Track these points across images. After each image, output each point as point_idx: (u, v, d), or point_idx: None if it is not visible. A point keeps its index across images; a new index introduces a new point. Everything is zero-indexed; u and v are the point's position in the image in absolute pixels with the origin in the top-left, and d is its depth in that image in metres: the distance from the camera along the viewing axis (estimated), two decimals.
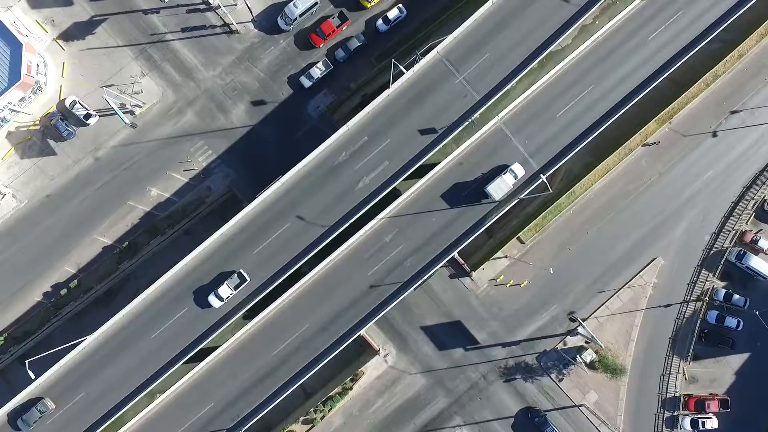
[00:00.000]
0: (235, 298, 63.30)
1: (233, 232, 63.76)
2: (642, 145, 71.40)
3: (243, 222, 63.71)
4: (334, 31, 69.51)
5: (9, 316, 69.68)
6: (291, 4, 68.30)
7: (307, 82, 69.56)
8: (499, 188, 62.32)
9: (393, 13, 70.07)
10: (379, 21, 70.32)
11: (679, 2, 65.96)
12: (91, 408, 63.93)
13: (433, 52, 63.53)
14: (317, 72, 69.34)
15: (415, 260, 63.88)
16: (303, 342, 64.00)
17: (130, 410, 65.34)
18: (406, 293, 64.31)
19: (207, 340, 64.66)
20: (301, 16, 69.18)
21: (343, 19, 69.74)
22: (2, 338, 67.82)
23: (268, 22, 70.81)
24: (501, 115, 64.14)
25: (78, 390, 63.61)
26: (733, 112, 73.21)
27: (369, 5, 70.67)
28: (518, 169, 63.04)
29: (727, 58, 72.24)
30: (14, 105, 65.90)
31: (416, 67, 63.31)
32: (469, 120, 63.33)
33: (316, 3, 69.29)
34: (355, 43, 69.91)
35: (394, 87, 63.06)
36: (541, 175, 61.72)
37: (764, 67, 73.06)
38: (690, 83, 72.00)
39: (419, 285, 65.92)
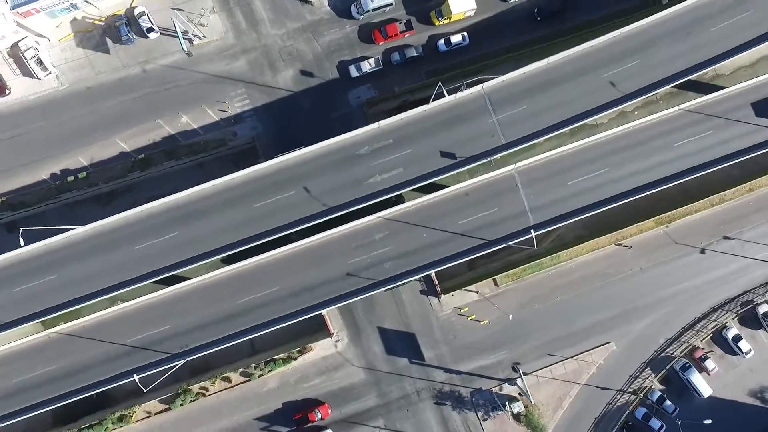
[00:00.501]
0: None
1: (242, 181, 67.29)
2: (615, 245, 75.18)
3: (254, 175, 67.25)
4: (396, 35, 73.40)
5: (12, 183, 73.12)
6: None
7: (354, 72, 73.37)
8: None
9: (456, 38, 73.94)
10: (441, 41, 74.19)
11: (712, 122, 69.97)
12: (55, 293, 66.87)
13: (478, 87, 67.33)
14: (367, 66, 73.21)
15: (395, 265, 67.57)
16: (269, 301, 67.53)
17: (89, 307, 68.66)
18: (376, 292, 68.02)
19: (182, 269, 68.22)
20: (373, 10, 72.97)
21: (408, 27, 73.62)
22: (2, 199, 71.30)
23: (342, 5, 74.63)
24: (518, 164, 68.02)
25: (50, 272, 66.74)
26: (726, 238, 77.26)
27: (438, 23, 74.47)
28: None
29: (738, 187, 76.39)
30: None
31: (458, 95, 67.14)
32: (489, 159, 67.16)
33: (391, 4, 73.14)
34: (412, 52, 73.79)
35: (432, 105, 66.85)
36: (532, 231, 65.54)
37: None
38: (697, 197, 76.06)
39: (390, 288, 69.86)
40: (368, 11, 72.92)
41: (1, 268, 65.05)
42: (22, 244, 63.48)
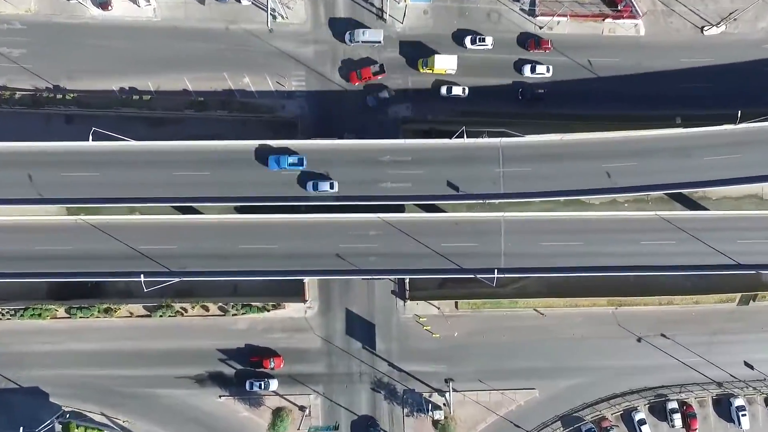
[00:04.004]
0: None
1: (276, 148, 77.66)
2: (534, 309, 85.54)
3: (289, 147, 77.67)
4: (370, 77, 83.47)
5: (85, 84, 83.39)
6: (360, 30, 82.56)
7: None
8: None
9: (456, 90, 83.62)
10: (444, 87, 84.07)
11: (680, 234, 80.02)
12: (92, 188, 76.21)
13: (497, 140, 77.74)
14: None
15: (378, 261, 77.80)
16: (265, 255, 77.62)
17: (110, 210, 78.87)
18: (355, 278, 78.62)
19: (200, 204, 79.02)
20: (363, 42, 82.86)
21: (381, 69, 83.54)
22: (73, 95, 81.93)
23: (411, 32, 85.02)
24: (508, 214, 78.27)
25: (95, 169, 76.40)
26: (662, 335, 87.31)
27: (421, 70, 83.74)
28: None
29: (686, 297, 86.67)
30: None
31: (478, 140, 77.54)
32: (485, 201, 77.70)
33: (379, 42, 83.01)
34: (385, 94, 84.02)
35: (453, 141, 77.11)
36: (496, 271, 75.93)
37: (705, 323, 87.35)
38: (651, 293, 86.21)
39: (368, 279, 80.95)
40: (358, 42, 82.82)
41: (59, 153, 75.50)
42: (90, 140, 73.70)
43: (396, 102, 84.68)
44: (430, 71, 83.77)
